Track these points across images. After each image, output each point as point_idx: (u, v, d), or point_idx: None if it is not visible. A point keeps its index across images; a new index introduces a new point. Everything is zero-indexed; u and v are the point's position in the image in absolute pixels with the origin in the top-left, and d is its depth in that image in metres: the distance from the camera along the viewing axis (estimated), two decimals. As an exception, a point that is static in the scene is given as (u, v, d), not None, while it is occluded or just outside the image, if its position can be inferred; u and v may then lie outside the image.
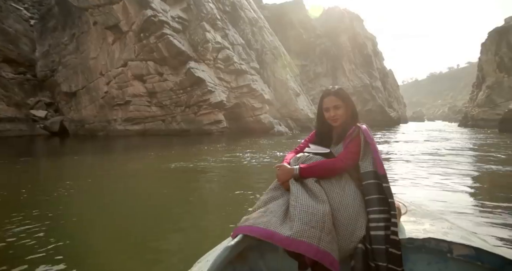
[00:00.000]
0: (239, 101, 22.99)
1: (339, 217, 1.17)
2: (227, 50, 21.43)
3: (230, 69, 22.03)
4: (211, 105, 19.92)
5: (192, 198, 4.23)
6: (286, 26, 41.52)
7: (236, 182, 5.44)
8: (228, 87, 22.39)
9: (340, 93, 1.40)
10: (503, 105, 30.39)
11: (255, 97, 23.49)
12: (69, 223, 3.14)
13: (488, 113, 31.06)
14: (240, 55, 22.93)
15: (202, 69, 19.58)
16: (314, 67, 42.50)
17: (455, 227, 1.30)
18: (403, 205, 1.41)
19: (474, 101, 35.56)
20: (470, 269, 1.08)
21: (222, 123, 20.87)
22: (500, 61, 31.63)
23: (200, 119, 19.95)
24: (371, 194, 1.22)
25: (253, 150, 10.67)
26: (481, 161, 7.32)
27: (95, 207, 3.80)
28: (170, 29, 18.33)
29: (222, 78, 21.61)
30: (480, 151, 9.78)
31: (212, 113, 20.26)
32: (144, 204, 3.90)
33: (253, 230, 1.10)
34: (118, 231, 2.92)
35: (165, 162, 7.68)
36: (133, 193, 4.60)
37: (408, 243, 1.17)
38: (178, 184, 5.32)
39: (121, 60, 19.35)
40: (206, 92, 19.43)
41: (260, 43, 25.66)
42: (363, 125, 1.34)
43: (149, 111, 19.52)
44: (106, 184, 5.38)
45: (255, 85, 23.54)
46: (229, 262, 1.09)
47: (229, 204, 3.76)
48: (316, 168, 1.26)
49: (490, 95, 31.86)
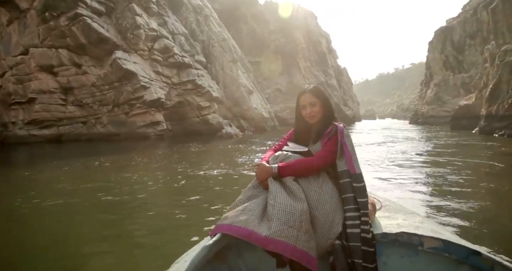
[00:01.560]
0: (182, 99, 20.02)
1: (317, 215, 1.19)
2: (166, 40, 18.36)
3: (170, 62, 18.97)
4: (146, 104, 16.73)
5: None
6: (239, 20, 39.21)
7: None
8: (169, 83, 19.31)
9: (315, 91, 1.43)
10: (450, 103, 31.25)
11: (202, 94, 20.71)
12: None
13: (437, 110, 31.74)
14: (182, 46, 19.96)
15: (133, 61, 16.31)
16: (269, 64, 40.72)
17: (426, 221, 1.39)
18: (378, 201, 1.48)
19: (423, 99, 36.47)
20: (439, 261, 1.14)
21: (161, 125, 17.76)
22: (445, 59, 32.54)
23: (133, 120, 16.64)
24: (347, 192, 1.24)
25: (187, 163, 8.05)
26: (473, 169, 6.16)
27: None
28: (88, 9, 14.80)
29: (160, 72, 18.47)
30: (460, 155, 8.27)
31: (147, 113, 17.06)
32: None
33: (232, 229, 1.09)
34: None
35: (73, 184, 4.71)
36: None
37: (382, 237, 1.21)
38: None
39: (20, 46, 15.27)
40: (138, 88, 16.20)
41: (206, 34, 22.88)
42: (340, 124, 1.36)
43: (65, 112, 15.67)
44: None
45: (201, 81, 20.75)
46: (207, 261, 1.09)
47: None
48: (294, 166, 1.26)
49: (438, 93, 32.64)
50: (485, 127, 15.86)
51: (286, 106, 40.22)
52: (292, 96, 40.93)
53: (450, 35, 31.96)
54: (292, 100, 41.30)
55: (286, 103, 40.44)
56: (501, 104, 14.49)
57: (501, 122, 14.57)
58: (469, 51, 29.77)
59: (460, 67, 30.93)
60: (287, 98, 40.43)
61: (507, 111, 14.21)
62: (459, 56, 30.94)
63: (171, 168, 7.17)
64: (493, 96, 15.33)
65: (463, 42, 30.38)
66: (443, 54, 32.87)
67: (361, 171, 1.26)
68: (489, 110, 15.49)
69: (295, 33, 40.79)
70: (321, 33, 45.17)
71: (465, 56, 30.30)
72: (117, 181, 5.68)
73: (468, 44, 29.73)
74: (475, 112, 20.71)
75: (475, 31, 28.91)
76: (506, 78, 14.37)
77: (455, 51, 31.42)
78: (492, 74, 15.44)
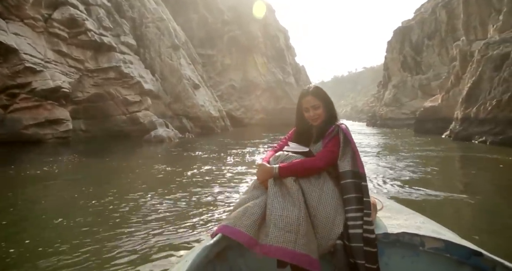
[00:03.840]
0: (102, 90, 15.36)
1: (318, 215, 1.18)
2: (73, 9, 13.57)
3: (81, 40, 14.21)
4: (36, 94, 11.88)
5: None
6: (188, 7, 34.74)
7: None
8: (80, 68, 14.52)
9: (317, 93, 1.41)
10: (408, 104, 30.30)
11: (130, 86, 16.22)
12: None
13: (395, 112, 30.62)
14: (100, 21, 15.26)
15: (13, 31, 11.37)
16: (222, 58, 36.85)
17: (427, 221, 1.36)
18: (379, 201, 1.45)
19: (381, 101, 35.47)
20: (440, 261, 1.13)
21: (64, 124, 12.97)
22: (403, 60, 31.62)
23: (16, 117, 11.67)
24: (349, 193, 1.23)
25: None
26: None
27: None
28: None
29: (65, 53, 13.63)
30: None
31: (41, 108, 12.20)
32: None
33: (233, 231, 1.10)
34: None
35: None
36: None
37: (384, 238, 1.20)
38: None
39: None
40: (22, 71, 11.33)
41: (138, 10, 18.30)
42: (342, 124, 1.35)
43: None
44: None
45: (129, 68, 16.25)
46: (208, 261, 1.09)
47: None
48: (295, 167, 1.24)
49: (396, 94, 31.61)
50: (461, 132, 13.86)
51: (240, 104, 36.66)
52: (247, 94, 37.54)
53: (409, 35, 31.11)
54: (247, 98, 37.99)
55: (241, 101, 36.91)
56: (482, 106, 12.46)
57: (481, 127, 12.55)
58: (427, 52, 29.00)
59: (418, 68, 30.13)
60: (241, 96, 36.91)
61: (489, 114, 12.20)
62: (417, 57, 30.12)
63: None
64: (472, 97, 13.33)
65: (421, 43, 29.58)
66: (401, 55, 31.96)
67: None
68: (466, 113, 13.49)
69: (251, 25, 37.45)
70: (279, 28, 42.48)
71: (423, 57, 29.53)
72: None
73: (426, 44, 28.94)
74: (441, 114, 19.14)
75: (433, 31, 28.15)
76: (489, 75, 12.35)
77: (413, 52, 30.59)
78: (471, 72, 13.44)
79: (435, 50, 28.09)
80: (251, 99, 36.70)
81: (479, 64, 12.89)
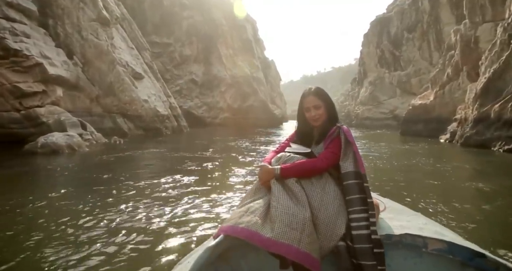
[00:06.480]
0: (-22, 75, 10.28)
1: (320, 216, 1.17)
2: None
3: None
4: None
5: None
6: (140, -14, 29.52)
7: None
8: None
9: (319, 93, 1.41)
10: (386, 103, 27.68)
11: (25, 69, 11.27)
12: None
13: (373, 111, 27.87)
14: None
15: None
16: (180, 47, 32.03)
17: (430, 222, 1.35)
18: (381, 202, 1.44)
19: (356, 99, 32.74)
20: (443, 262, 1.11)
21: None
22: (381, 54, 28.99)
23: None
24: (352, 194, 1.21)
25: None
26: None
27: None
28: None
29: None
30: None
31: None
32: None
33: (235, 230, 1.08)
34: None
35: None
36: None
37: (386, 239, 1.18)
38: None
39: None
40: None
41: (46, -34, 13.22)
42: (344, 125, 1.36)
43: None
44: None
45: (24, 44, 11.29)
46: (210, 263, 1.07)
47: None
48: (297, 168, 1.24)
49: (373, 92, 28.90)
50: (473, 136, 10.74)
51: (202, 101, 32.07)
52: (210, 90, 33.04)
53: (387, 27, 28.51)
54: (210, 94, 33.36)
55: (203, 98, 32.32)
56: (509, 103, 9.34)
57: (506, 131, 9.44)
58: (407, 46, 26.50)
59: (397, 63, 27.58)
60: (203, 92, 32.29)
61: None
62: (396, 52, 27.56)
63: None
64: (490, 91, 10.22)
65: (401, 36, 27.05)
66: (378, 49, 29.32)
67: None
68: (483, 112, 10.36)
69: (214, 12, 32.99)
70: (247, 18, 38.41)
71: (402, 51, 27.00)
72: None
73: (406, 38, 26.43)
74: (434, 114, 16.23)
75: (414, 23, 25.66)
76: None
77: (392, 46, 28.03)
78: (490, 58, 10.29)
79: (416, 44, 25.65)
80: (215, 95, 32.27)
81: (502, 48, 9.74)
